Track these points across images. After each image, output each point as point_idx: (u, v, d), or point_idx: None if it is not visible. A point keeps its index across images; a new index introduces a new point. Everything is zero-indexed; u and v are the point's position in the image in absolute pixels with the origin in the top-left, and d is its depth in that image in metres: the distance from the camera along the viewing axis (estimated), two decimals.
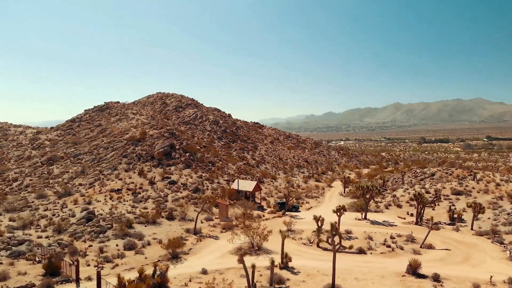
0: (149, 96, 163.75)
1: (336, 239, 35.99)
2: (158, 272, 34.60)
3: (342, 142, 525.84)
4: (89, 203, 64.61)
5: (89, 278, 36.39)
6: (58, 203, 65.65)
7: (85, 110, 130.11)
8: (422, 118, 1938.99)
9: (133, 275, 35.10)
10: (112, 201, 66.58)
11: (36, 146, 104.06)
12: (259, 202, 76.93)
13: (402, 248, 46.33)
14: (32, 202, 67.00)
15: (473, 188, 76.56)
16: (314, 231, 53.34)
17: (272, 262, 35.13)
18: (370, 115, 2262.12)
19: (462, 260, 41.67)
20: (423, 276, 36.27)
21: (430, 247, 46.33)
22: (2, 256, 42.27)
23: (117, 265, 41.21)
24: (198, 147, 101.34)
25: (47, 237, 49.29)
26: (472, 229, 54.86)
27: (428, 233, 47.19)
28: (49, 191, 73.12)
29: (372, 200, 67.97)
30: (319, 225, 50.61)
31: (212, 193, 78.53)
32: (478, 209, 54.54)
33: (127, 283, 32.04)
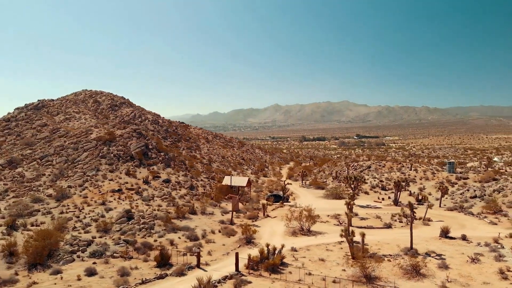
0: (77, 94, 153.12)
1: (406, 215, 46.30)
2: (277, 250, 40.49)
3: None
4: (103, 203, 63.91)
5: (196, 266, 40.27)
6: (66, 205, 63.29)
7: (18, 109, 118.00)
8: (298, 118, 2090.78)
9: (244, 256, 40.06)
10: (122, 200, 66.63)
11: None
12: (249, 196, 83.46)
13: (412, 222, 58.92)
14: (33, 206, 63.19)
15: (415, 176, 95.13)
16: (335, 214, 63.13)
17: (351, 236, 43.81)
18: (253, 115, 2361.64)
19: (461, 227, 55.72)
20: (453, 238, 48.81)
21: (429, 220, 59.87)
22: (84, 256, 42.72)
23: (207, 252, 45.17)
24: (166, 147, 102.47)
25: (100, 237, 49.64)
26: (440, 206, 70.79)
27: (427, 210, 60.65)
28: (40, 195, 68.83)
29: (357, 189, 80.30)
30: (348, 210, 60.50)
31: (204, 189, 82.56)
32: (444, 190, 70.83)
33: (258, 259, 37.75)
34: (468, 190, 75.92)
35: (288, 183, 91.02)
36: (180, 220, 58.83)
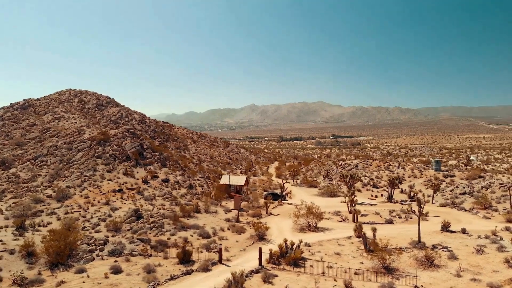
0: (61, 93, 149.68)
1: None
2: (295, 245, 42.04)
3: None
4: (107, 203, 63.87)
5: (219, 261, 41.47)
6: (69, 205, 62.92)
7: (3, 108, 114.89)
8: (274, 118, 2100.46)
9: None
10: (125, 200, 66.70)
11: None
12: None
13: (411, 218, 61.74)
14: (35, 207, 62.50)
15: (404, 174, 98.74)
16: (335, 211, 65.21)
17: (362, 230, 45.93)
18: (229, 115, 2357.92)
19: (457, 222, 58.78)
20: (454, 232, 51.68)
21: (427, 215, 62.69)
22: (103, 255, 43.09)
23: (224, 249, 46.28)
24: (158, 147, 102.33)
25: (113, 236, 49.90)
26: (432, 203, 74.15)
27: (424, 206, 63.37)
28: (40, 195, 67.98)
29: (353, 186, 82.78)
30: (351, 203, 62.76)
31: (202, 188, 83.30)
32: (436, 187, 74.24)
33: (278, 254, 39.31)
34: (457, 187, 79.75)
35: (285, 182, 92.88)
36: (187, 219, 59.60)
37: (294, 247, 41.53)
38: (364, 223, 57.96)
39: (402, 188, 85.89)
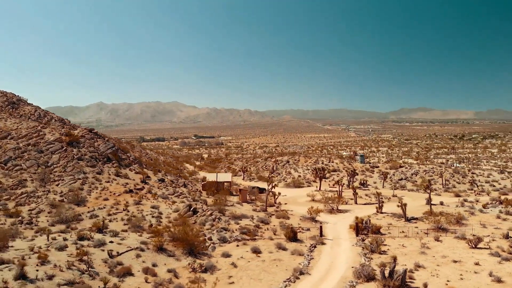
0: None
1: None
2: (365, 220, 54.30)
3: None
4: (139, 203, 64.70)
5: (319, 236, 51.23)
6: (103, 207, 61.91)
7: None
8: (127, 118, 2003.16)
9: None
10: (147, 200, 67.87)
11: None
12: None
13: (389, 198, 79.29)
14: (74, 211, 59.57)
15: (338, 167, 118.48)
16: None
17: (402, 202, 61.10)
18: (73, 114, 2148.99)
19: (420, 198, 78.62)
20: (435, 204, 70.36)
21: (395, 196, 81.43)
22: (220, 242, 48.07)
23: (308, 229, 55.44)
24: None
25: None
26: (383, 187, 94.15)
27: (393, 191, 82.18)
28: (52, 201, 63.76)
29: (323, 177, 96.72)
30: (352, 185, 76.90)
31: (192, 187, 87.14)
32: (385, 175, 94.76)
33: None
34: (394, 175, 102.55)
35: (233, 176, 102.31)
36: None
37: (367, 221, 53.82)
38: (363, 204, 73.64)
39: (349, 178, 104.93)
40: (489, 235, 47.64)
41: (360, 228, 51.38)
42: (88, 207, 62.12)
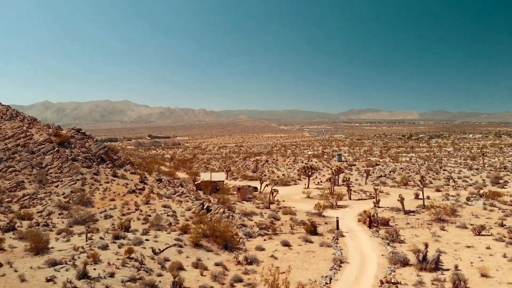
0: None
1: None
2: (374, 214, 58.68)
3: None
4: (148, 202, 65.13)
5: (336, 229, 54.97)
6: (113, 207, 61.85)
7: None
8: (74, 117, 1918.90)
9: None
10: (153, 199, 68.35)
11: None
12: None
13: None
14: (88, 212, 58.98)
15: (318, 165, 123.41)
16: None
17: (401, 197, 66.25)
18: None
19: (406, 194, 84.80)
20: (421, 198, 76.65)
21: (382, 191, 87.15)
22: (246, 237, 50.37)
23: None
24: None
25: None
26: (366, 184, 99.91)
27: (380, 187, 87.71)
28: (58, 202, 62.62)
29: (312, 176, 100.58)
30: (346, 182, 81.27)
31: (188, 186, 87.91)
32: (368, 172, 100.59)
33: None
34: (373, 172, 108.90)
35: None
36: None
37: (374, 213, 58.27)
38: (356, 200, 78.57)
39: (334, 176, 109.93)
40: (484, 224, 53.46)
41: (372, 221, 55.57)
42: (98, 208, 61.81)
